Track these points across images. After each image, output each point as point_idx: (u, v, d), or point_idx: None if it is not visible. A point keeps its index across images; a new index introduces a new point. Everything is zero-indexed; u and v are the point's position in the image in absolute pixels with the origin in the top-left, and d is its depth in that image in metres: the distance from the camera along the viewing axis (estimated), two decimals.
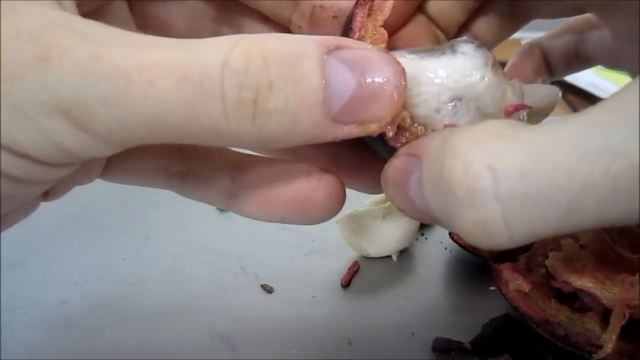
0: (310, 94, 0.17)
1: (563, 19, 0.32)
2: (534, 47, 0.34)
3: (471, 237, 0.17)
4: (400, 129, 0.20)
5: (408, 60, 0.21)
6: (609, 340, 0.25)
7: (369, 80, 0.18)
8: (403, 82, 0.19)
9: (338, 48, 0.18)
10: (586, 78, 0.72)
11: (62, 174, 0.19)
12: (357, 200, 0.40)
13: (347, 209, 0.37)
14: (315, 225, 0.40)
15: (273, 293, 0.35)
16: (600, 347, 0.25)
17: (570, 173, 0.15)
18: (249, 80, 0.17)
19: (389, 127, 0.20)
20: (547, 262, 0.28)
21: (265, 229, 0.41)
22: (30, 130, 0.16)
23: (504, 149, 0.16)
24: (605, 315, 0.25)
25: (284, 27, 0.26)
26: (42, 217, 0.42)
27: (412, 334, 0.31)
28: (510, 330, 0.30)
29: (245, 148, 0.20)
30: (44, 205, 0.45)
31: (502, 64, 0.24)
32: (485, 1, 0.29)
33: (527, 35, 0.34)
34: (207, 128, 0.17)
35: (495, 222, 0.16)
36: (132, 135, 0.17)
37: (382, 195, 0.40)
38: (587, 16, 0.32)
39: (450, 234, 0.35)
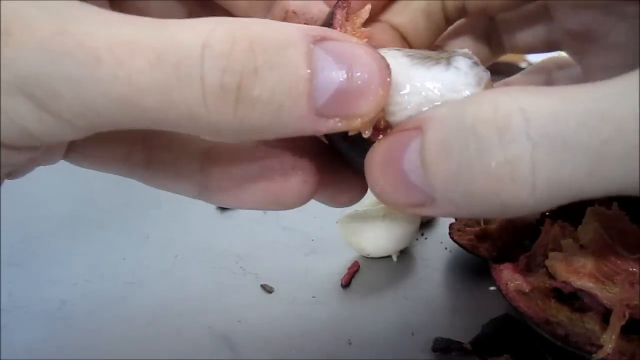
0: (297, 84, 0.17)
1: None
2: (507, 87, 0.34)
3: (491, 185, 0.16)
4: (375, 130, 0.20)
5: (398, 65, 0.20)
6: (609, 340, 0.25)
7: (356, 74, 0.17)
8: (388, 79, 0.18)
9: (324, 39, 0.17)
10: None
11: (27, 157, 0.18)
12: None
13: (347, 208, 0.37)
14: (315, 225, 0.40)
15: (273, 293, 0.35)
16: (601, 346, 0.25)
17: (602, 116, 0.15)
18: (233, 64, 0.16)
19: (369, 125, 0.19)
20: (547, 262, 0.28)
21: (265, 229, 0.41)
22: None
23: (533, 95, 0.16)
24: (605, 315, 0.25)
25: None
26: (42, 217, 0.42)
27: (412, 334, 0.31)
28: (510, 330, 0.30)
29: (223, 138, 0.18)
30: (44, 205, 0.45)
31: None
32: (458, 32, 0.29)
33: None
34: (183, 114, 0.16)
35: (523, 163, 0.15)
36: (101, 119, 0.16)
37: None
38: (555, 57, 0.32)
39: (450, 234, 0.35)
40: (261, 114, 0.17)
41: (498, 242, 0.34)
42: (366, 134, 0.19)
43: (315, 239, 0.39)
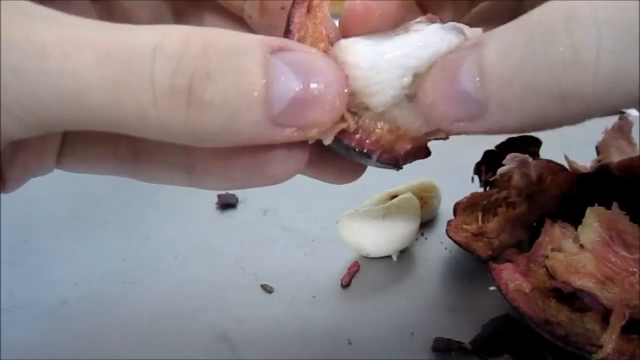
0: (251, 90, 0.17)
1: None
2: None
3: (554, 72, 0.16)
4: (348, 132, 0.20)
5: (364, 47, 0.20)
6: (609, 340, 0.25)
7: (312, 84, 0.17)
8: (345, 90, 0.18)
9: (281, 49, 0.18)
10: None
11: None
12: (357, 200, 0.40)
13: (347, 208, 0.37)
14: (315, 225, 0.40)
15: (273, 293, 0.35)
16: (601, 347, 0.25)
17: None
18: (184, 66, 0.16)
19: (328, 134, 0.19)
20: (547, 262, 0.28)
21: (265, 229, 0.41)
22: None
23: None
24: (605, 315, 0.25)
25: (243, 20, 0.25)
26: (42, 217, 0.42)
27: (412, 334, 0.31)
28: (510, 330, 0.30)
29: (179, 142, 0.18)
30: (44, 205, 0.45)
31: None
32: (485, 10, 0.28)
33: None
34: (133, 114, 0.16)
35: (588, 47, 0.15)
36: (49, 115, 0.16)
37: (382, 195, 0.40)
38: None
39: (446, 230, 0.35)
40: (213, 118, 0.16)
41: (494, 241, 0.34)
42: (327, 142, 0.20)
43: (315, 239, 0.39)
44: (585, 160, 0.37)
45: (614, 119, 0.38)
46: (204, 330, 0.32)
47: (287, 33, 0.21)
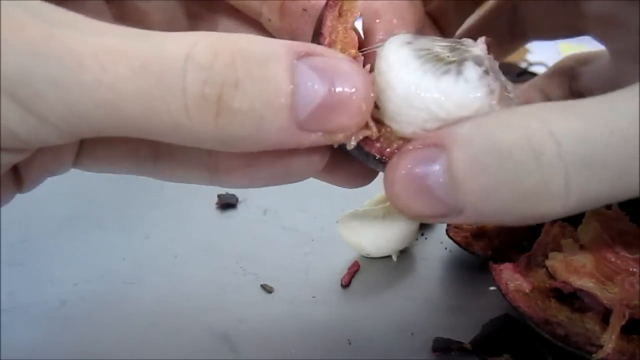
0: (278, 97, 0.17)
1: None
2: (532, 90, 0.34)
3: (528, 201, 0.17)
4: (368, 140, 0.20)
5: (407, 74, 0.20)
6: (609, 340, 0.25)
7: (338, 89, 0.18)
8: (371, 94, 0.19)
9: (308, 55, 0.18)
10: None
11: (14, 159, 0.18)
12: (357, 200, 0.40)
13: (347, 208, 0.37)
14: (315, 225, 0.40)
15: (273, 293, 0.35)
16: (601, 346, 0.25)
17: (623, 136, 0.16)
18: (214, 76, 0.16)
19: (352, 138, 0.19)
20: (547, 262, 0.28)
21: (265, 229, 0.41)
22: None
23: (559, 117, 0.17)
24: (605, 315, 0.26)
25: (257, 23, 0.25)
26: (42, 217, 0.42)
27: (412, 334, 0.31)
28: (510, 330, 0.30)
29: (207, 148, 0.19)
30: (44, 205, 0.45)
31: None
32: (482, 21, 0.29)
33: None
34: (166, 123, 0.17)
35: (557, 181, 0.17)
36: (85, 124, 0.17)
37: (382, 195, 0.40)
38: (576, 54, 0.33)
39: (446, 230, 0.35)
40: (242, 125, 0.17)
41: (494, 240, 0.34)
42: (350, 146, 0.20)
43: (315, 239, 0.39)
44: None
45: None
46: (204, 330, 0.32)
47: (317, 36, 0.21)
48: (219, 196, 0.43)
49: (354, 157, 0.21)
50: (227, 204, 0.43)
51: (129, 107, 0.16)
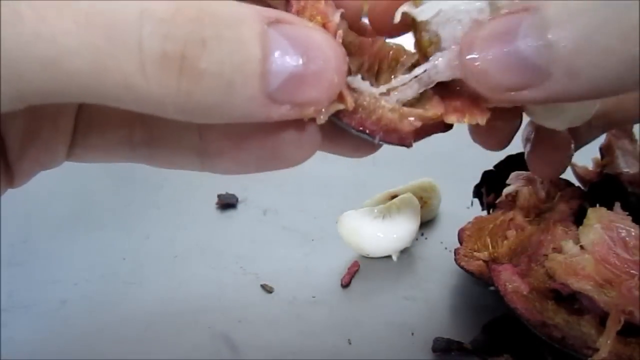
0: (249, 63, 0.16)
1: None
2: None
3: (631, 35, 0.15)
4: (348, 112, 0.19)
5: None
6: (605, 344, 0.25)
7: (311, 60, 0.17)
8: (344, 67, 0.18)
9: (278, 21, 0.17)
10: None
11: None
12: (357, 200, 0.40)
13: (347, 209, 0.37)
14: (315, 225, 0.40)
15: (273, 293, 0.35)
16: (597, 350, 0.25)
17: None
18: (177, 30, 0.15)
19: (322, 112, 0.18)
20: (546, 263, 0.28)
21: (265, 229, 0.41)
22: None
23: None
24: (602, 318, 0.25)
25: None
26: (42, 217, 0.42)
27: (412, 334, 0.31)
28: (510, 330, 0.30)
29: (168, 117, 0.17)
30: (44, 205, 0.45)
31: None
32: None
33: None
34: (119, 84, 0.15)
35: None
36: (27, 85, 0.15)
37: (382, 195, 0.40)
38: None
39: (455, 260, 0.33)
40: (209, 89, 0.16)
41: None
42: (320, 120, 0.19)
43: (315, 239, 0.39)
44: (585, 159, 0.36)
45: None
46: (204, 330, 0.32)
47: (286, 4, 0.20)
48: (219, 196, 0.43)
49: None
50: (227, 204, 0.43)
51: (74, 64, 0.15)
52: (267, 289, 0.35)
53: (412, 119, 0.20)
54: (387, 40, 0.22)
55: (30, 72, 0.15)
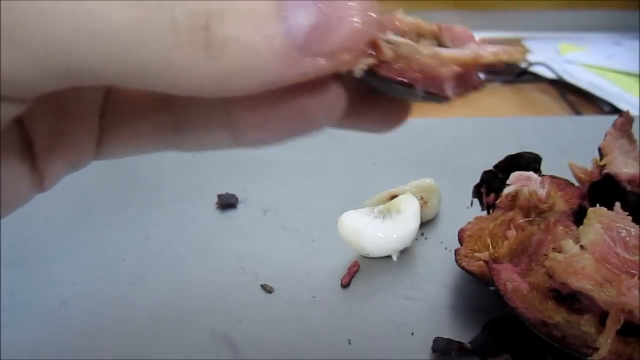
0: (265, 22, 0.16)
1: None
2: None
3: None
4: (385, 62, 0.18)
5: None
6: (604, 344, 0.25)
7: (329, 5, 0.16)
8: (370, 5, 0.17)
9: None
10: (586, 78, 0.72)
11: (9, 112, 0.17)
12: (357, 200, 0.40)
13: (347, 209, 0.37)
14: (315, 225, 0.40)
15: (273, 293, 0.35)
16: (597, 349, 0.25)
17: None
18: (199, 6, 0.16)
19: (360, 61, 0.18)
20: (546, 262, 0.28)
21: (265, 229, 0.41)
22: None
23: None
24: (602, 318, 0.25)
25: None
26: (42, 217, 0.42)
27: (412, 334, 0.31)
28: (510, 330, 0.30)
29: (208, 94, 0.17)
30: (44, 205, 0.45)
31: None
32: None
33: (527, 35, 0.34)
34: (161, 60, 0.16)
35: None
36: (75, 60, 0.16)
37: (382, 195, 0.40)
38: None
39: (456, 260, 0.33)
40: (234, 53, 0.16)
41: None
42: (360, 72, 0.18)
43: (315, 239, 0.39)
44: (585, 159, 0.36)
45: (613, 118, 0.38)
46: (204, 330, 0.32)
47: None
48: (219, 196, 0.43)
49: (378, 92, 0.20)
50: (227, 204, 0.43)
51: (121, 40, 0.15)
52: (267, 289, 0.35)
53: (451, 65, 0.19)
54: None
55: (79, 47, 0.15)
